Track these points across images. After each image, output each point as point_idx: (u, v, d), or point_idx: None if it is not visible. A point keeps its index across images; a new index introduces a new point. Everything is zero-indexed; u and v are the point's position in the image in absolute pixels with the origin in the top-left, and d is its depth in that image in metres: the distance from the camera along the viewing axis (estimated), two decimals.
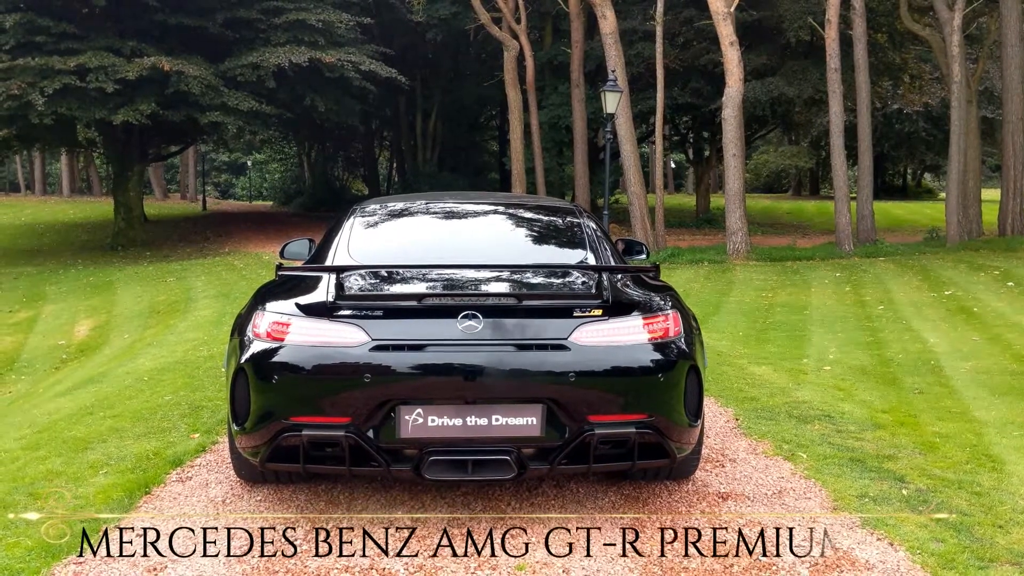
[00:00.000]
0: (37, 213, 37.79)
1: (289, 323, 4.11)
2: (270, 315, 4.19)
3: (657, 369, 4.13)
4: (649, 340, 4.16)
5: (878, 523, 4.32)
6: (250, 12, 23.39)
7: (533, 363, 3.98)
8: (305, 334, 4.06)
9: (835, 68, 19.88)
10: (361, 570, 3.82)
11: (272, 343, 4.09)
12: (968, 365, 8.58)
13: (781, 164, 48.78)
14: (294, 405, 4.02)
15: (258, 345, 4.13)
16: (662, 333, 4.20)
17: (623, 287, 4.53)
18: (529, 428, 3.99)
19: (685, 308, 4.61)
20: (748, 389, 7.32)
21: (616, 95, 18.96)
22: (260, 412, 4.09)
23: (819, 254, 19.81)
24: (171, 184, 61.47)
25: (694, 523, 4.36)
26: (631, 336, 4.13)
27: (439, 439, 3.98)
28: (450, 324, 4.00)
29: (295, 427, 4.00)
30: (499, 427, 3.98)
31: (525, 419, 3.99)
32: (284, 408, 4.03)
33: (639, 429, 4.07)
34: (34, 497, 4.66)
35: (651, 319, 4.22)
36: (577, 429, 4.00)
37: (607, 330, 4.10)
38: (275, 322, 4.14)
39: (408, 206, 5.60)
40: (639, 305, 4.32)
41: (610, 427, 4.04)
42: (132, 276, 19.22)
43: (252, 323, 4.25)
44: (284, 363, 4.04)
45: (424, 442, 3.98)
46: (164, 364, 8.70)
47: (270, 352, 4.08)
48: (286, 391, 4.04)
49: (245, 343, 4.23)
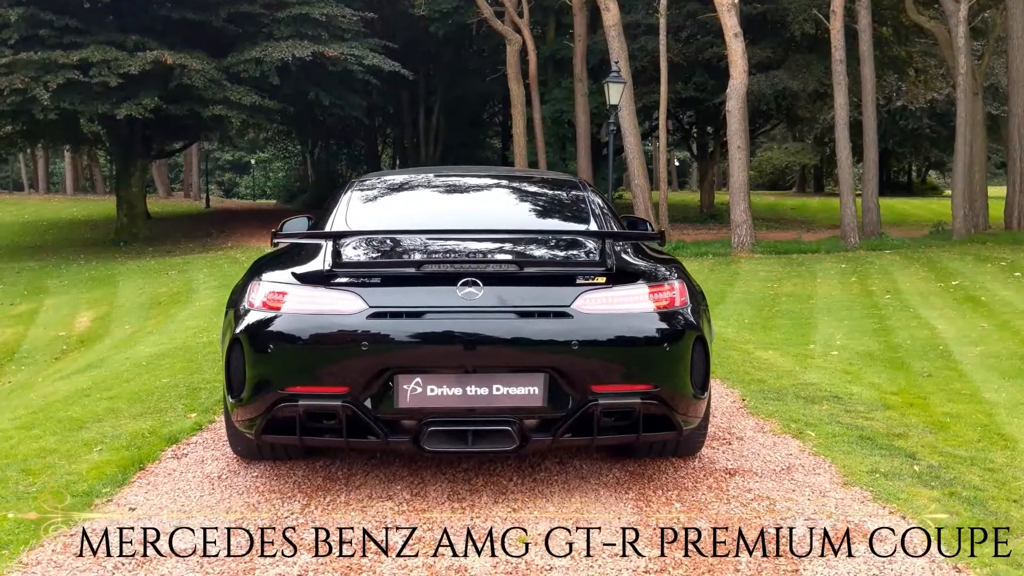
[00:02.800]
0: (40, 211, 37.75)
1: (285, 292, 4.00)
2: (266, 285, 4.09)
3: (663, 338, 4.02)
4: (655, 309, 4.04)
5: (890, 496, 4.21)
6: (253, 6, 23.31)
7: (535, 331, 3.89)
8: (301, 302, 3.96)
9: (840, 59, 19.75)
10: (358, 541, 3.71)
11: (268, 312, 3.99)
12: (977, 350, 8.45)
13: (785, 161, 48.66)
14: (290, 375, 3.92)
15: (254, 315, 4.03)
16: (668, 302, 4.08)
17: (628, 256, 4.38)
18: (531, 398, 3.88)
19: (691, 280, 4.48)
20: (754, 372, 7.20)
21: (619, 87, 18.85)
22: (256, 382, 3.98)
23: (824, 247, 19.66)
24: (175, 183, 61.40)
25: (700, 497, 4.25)
26: (636, 304, 4.01)
27: (438, 409, 3.87)
28: (450, 291, 3.89)
29: (291, 397, 3.90)
30: (500, 397, 3.87)
31: (527, 388, 3.87)
32: (280, 378, 3.93)
33: (644, 400, 3.95)
34: (26, 472, 4.56)
35: (657, 288, 4.10)
36: (580, 399, 3.89)
37: (611, 298, 3.98)
38: (271, 292, 4.03)
39: (408, 179, 5.51)
40: (644, 274, 4.20)
41: (614, 397, 3.93)
42: (134, 270, 19.15)
43: (248, 293, 4.16)
44: (280, 332, 3.95)
45: (423, 412, 3.87)
46: (163, 350, 8.61)
47: (266, 322, 3.98)
48: (282, 361, 3.94)
49: (240, 314, 4.13)
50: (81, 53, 20.46)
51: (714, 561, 3.54)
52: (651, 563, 3.52)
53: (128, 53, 20.95)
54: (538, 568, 3.47)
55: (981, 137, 22.33)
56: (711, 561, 3.54)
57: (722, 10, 18.76)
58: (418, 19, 27.97)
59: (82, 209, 37.87)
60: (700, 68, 27.42)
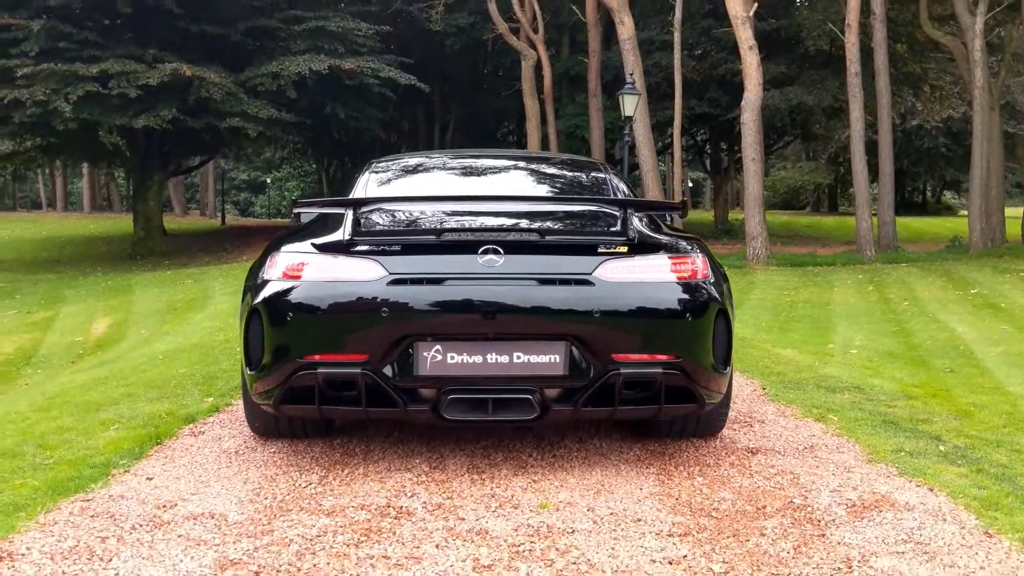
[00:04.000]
0: (58, 228, 37.97)
1: (305, 261, 3.97)
2: (285, 255, 4.05)
3: (684, 309, 3.98)
4: (677, 280, 4.00)
5: (916, 471, 4.14)
6: (271, 20, 23.51)
7: (556, 298, 3.84)
8: (321, 270, 3.93)
9: (855, 72, 19.72)
10: (378, 507, 3.68)
11: (288, 282, 3.95)
12: (999, 349, 8.37)
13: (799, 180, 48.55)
14: (309, 343, 3.89)
15: (273, 285, 3.99)
16: (690, 274, 4.04)
17: (650, 229, 4.32)
18: (552, 366, 3.83)
19: (714, 258, 4.42)
20: (773, 366, 7.13)
21: (634, 98, 18.88)
22: (274, 351, 3.95)
23: (840, 260, 19.55)
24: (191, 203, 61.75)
25: (723, 472, 4.19)
26: (658, 274, 3.98)
27: (458, 377, 3.83)
28: (470, 259, 3.86)
29: (310, 365, 3.85)
30: (521, 365, 3.82)
31: (548, 357, 3.83)
32: (299, 346, 3.89)
33: (666, 370, 3.90)
34: (43, 448, 4.54)
35: (679, 259, 4.06)
36: (602, 368, 3.84)
37: (633, 266, 3.95)
38: (291, 261, 4.00)
39: (426, 159, 5.50)
40: (666, 246, 4.15)
41: (636, 367, 3.89)
42: (150, 280, 19.22)
43: (267, 264, 4.12)
44: (300, 300, 3.91)
45: (443, 380, 3.83)
46: (180, 346, 8.61)
47: (285, 291, 3.94)
48: (301, 329, 3.91)
49: (259, 284, 4.08)
50: (101, 65, 20.66)
51: (739, 525, 3.48)
52: (675, 527, 3.46)
53: (147, 66, 21.13)
54: (559, 531, 3.42)
55: (998, 152, 22.21)
56: (736, 526, 3.48)
57: (737, 23, 18.79)
58: (433, 35, 28.14)
59: (99, 226, 38.08)
60: (714, 84, 27.44)
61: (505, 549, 3.26)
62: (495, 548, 3.27)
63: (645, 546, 3.29)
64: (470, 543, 3.31)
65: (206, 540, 3.34)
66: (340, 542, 3.32)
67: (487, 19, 26.14)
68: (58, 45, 20.98)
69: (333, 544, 3.30)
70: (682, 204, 4.63)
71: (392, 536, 3.38)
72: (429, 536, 3.38)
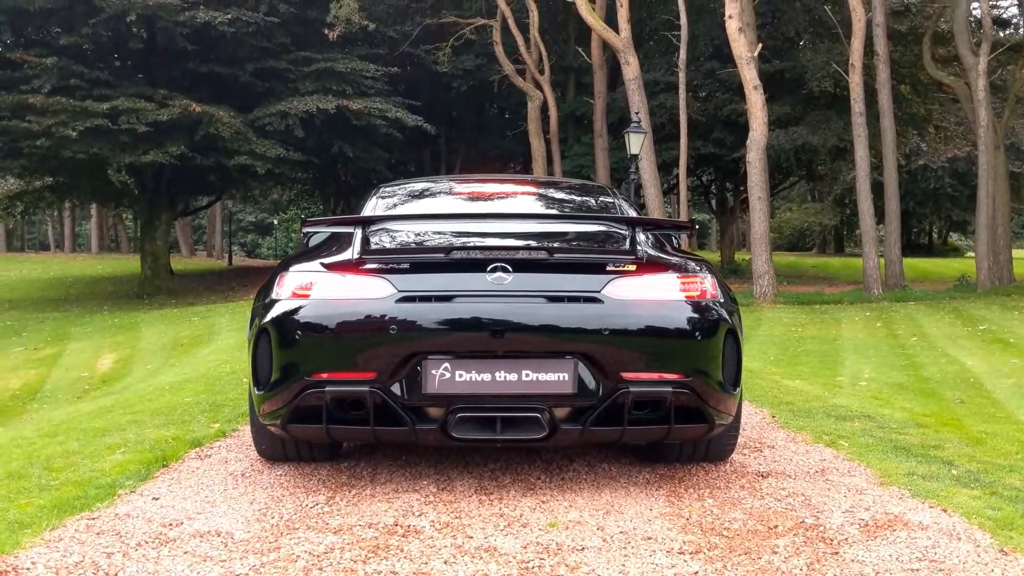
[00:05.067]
0: (66, 268, 38.15)
1: (314, 280, 3.97)
2: (293, 275, 4.05)
3: (694, 328, 3.94)
4: (686, 299, 3.98)
5: (929, 493, 4.10)
6: (280, 61, 23.80)
7: (565, 315, 3.82)
8: (330, 288, 3.92)
9: (860, 112, 19.86)
10: (385, 526, 3.64)
11: (297, 301, 3.94)
12: (1009, 382, 8.32)
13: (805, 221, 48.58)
14: (317, 361, 3.86)
15: (282, 304, 3.98)
16: (699, 294, 4.03)
17: (658, 249, 4.35)
18: (561, 384, 3.79)
19: (722, 279, 4.36)
20: (782, 396, 7.09)
21: (640, 136, 19.00)
22: (282, 369, 3.92)
23: (847, 299, 19.54)
24: (197, 244, 62.09)
25: (733, 495, 4.15)
26: (667, 293, 3.96)
27: (467, 395, 3.79)
28: (479, 276, 3.85)
29: (318, 384, 3.82)
30: (529, 383, 3.79)
31: (557, 375, 3.79)
32: (307, 365, 3.87)
33: (676, 389, 3.85)
34: (49, 470, 4.52)
35: (688, 278, 4.05)
36: (611, 387, 3.80)
37: (642, 285, 3.93)
38: (300, 280, 4.00)
39: (431, 185, 5.57)
40: (675, 266, 4.13)
41: (645, 386, 3.84)
42: (156, 318, 19.24)
43: (275, 284, 4.10)
44: (308, 319, 3.89)
45: (451, 398, 3.79)
46: (186, 378, 8.59)
47: (294, 310, 3.93)
48: (309, 347, 3.88)
49: (268, 304, 4.06)
50: (111, 103, 20.89)
51: (751, 544, 3.44)
52: (686, 544, 3.42)
53: (157, 104, 21.37)
54: (569, 548, 3.38)
55: (1004, 191, 22.27)
56: (748, 544, 3.44)
57: (741, 63, 18.95)
58: (440, 77, 28.43)
59: (107, 266, 38.26)
60: (719, 125, 27.62)
61: (514, 566, 3.22)
62: (504, 564, 3.23)
63: (656, 563, 3.25)
64: (479, 560, 3.28)
65: (212, 556, 3.31)
66: (347, 559, 3.29)
67: (493, 61, 26.44)
68: (69, 83, 21.25)
69: (340, 560, 3.27)
70: (690, 223, 4.64)
71: (400, 553, 3.34)
72: (437, 553, 3.34)
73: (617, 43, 20.98)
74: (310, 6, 24.91)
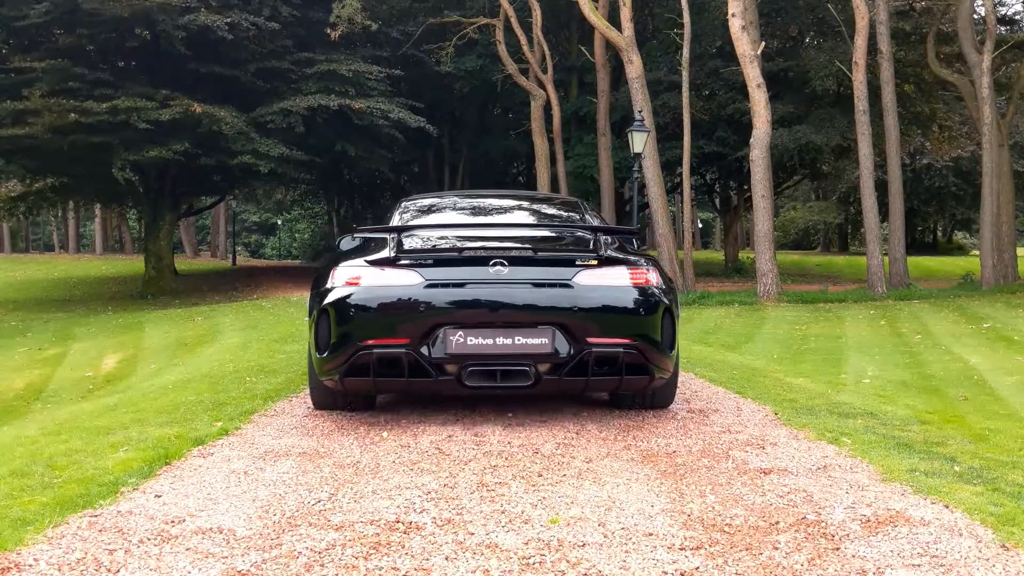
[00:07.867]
0: (70, 269, 38.22)
1: (361, 274, 5.30)
2: (344, 269, 5.37)
3: (638, 306, 5.33)
4: (633, 285, 5.36)
5: (931, 489, 4.09)
6: (282, 62, 23.79)
7: (546, 297, 5.21)
8: (374, 278, 5.26)
9: (863, 110, 19.83)
10: (387, 522, 3.65)
11: (349, 288, 5.27)
12: (1013, 379, 8.30)
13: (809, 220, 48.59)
14: (366, 331, 5.18)
15: (338, 291, 5.30)
16: (644, 281, 5.41)
17: (617, 249, 5.69)
18: (543, 346, 5.15)
19: (664, 272, 5.70)
20: (785, 393, 7.08)
21: (643, 135, 18.99)
22: (340, 337, 5.22)
23: (851, 297, 19.52)
24: (201, 245, 62.18)
25: (735, 491, 4.15)
26: (620, 281, 5.33)
27: (475, 354, 5.12)
28: (483, 269, 5.22)
29: (367, 348, 5.14)
30: (520, 345, 5.14)
31: (540, 339, 5.16)
32: (359, 334, 5.18)
33: (626, 350, 5.22)
34: (51, 467, 4.53)
35: (635, 270, 5.42)
36: (579, 348, 5.17)
37: (602, 275, 5.31)
38: (350, 274, 5.32)
39: (441, 200, 6.89)
40: (626, 261, 5.49)
41: (604, 347, 5.19)
42: (161, 317, 19.26)
43: (331, 276, 5.38)
44: (358, 301, 5.22)
45: (464, 357, 5.11)
46: (189, 377, 8.61)
47: (348, 295, 5.26)
48: (360, 322, 5.22)
49: (324, 291, 5.36)
50: (112, 103, 20.89)
51: (752, 540, 3.44)
52: (687, 540, 3.42)
53: (158, 104, 21.38)
54: (570, 544, 3.39)
55: (1008, 189, 22.23)
56: (749, 540, 3.44)
57: (744, 61, 18.94)
58: (443, 77, 28.43)
59: (111, 267, 38.32)
60: (722, 124, 27.59)
61: (515, 561, 3.22)
62: (505, 560, 3.23)
63: (657, 559, 3.25)
64: (480, 556, 3.28)
65: (214, 553, 3.32)
66: (349, 555, 3.29)
67: (496, 61, 26.44)
68: (69, 85, 21.25)
69: (342, 557, 3.27)
70: (639, 230, 6.38)
71: (401, 549, 3.35)
72: (439, 549, 3.35)
73: (620, 42, 20.97)
74: (312, 7, 24.92)
